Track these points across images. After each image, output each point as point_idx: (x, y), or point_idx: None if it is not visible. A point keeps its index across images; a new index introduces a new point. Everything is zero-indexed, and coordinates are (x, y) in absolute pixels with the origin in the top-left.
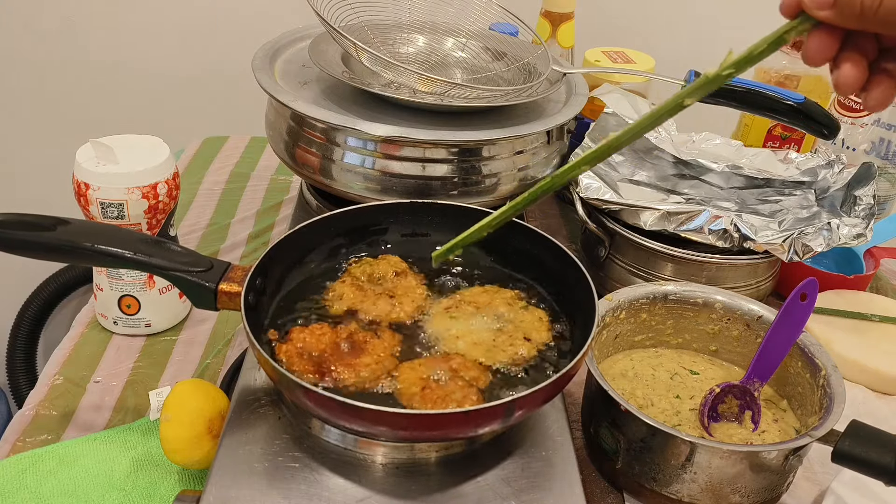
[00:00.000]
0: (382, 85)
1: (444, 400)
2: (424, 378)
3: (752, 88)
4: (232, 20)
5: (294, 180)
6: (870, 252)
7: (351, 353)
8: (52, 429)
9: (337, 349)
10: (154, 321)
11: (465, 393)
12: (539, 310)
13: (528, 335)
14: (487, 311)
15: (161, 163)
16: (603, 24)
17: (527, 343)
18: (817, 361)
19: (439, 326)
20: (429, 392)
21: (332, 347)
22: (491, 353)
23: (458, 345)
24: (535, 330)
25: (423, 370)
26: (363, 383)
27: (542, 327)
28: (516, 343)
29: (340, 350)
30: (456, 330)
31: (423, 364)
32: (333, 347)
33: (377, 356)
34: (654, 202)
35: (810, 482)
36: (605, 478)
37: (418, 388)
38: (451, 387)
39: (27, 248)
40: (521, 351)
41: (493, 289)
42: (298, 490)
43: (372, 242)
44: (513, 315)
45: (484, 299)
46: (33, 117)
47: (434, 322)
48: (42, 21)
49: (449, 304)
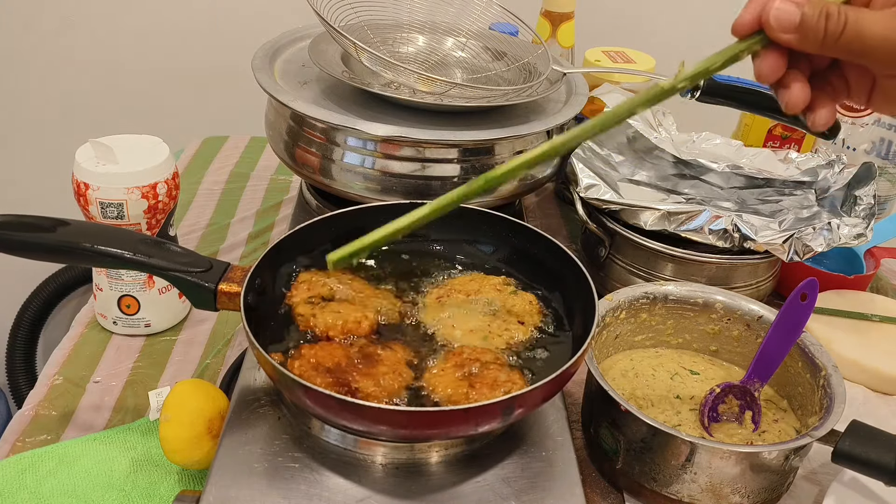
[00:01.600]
0: (382, 85)
1: (494, 386)
2: (460, 377)
3: (753, 88)
4: (232, 20)
5: (294, 180)
6: (870, 252)
7: (365, 365)
8: (52, 429)
9: (351, 363)
10: (154, 321)
11: (508, 375)
12: (527, 294)
13: (521, 319)
14: (478, 298)
15: (161, 163)
16: (603, 24)
17: (521, 326)
18: (817, 361)
19: (434, 316)
20: (477, 385)
21: (346, 360)
22: (488, 340)
23: (454, 333)
24: (528, 314)
25: (451, 371)
26: (384, 393)
27: (532, 310)
28: (511, 328)
29: (355, 363)
30: (450, 318)
31: (444, 367)
32: (347, 361)
33: (391, 365)
34: (654, 202)
35: (810, 482)
36: (605, 478)
37: (464, 386)
38: (492, 373)
39: (27, 249)
40: (517, 335)
41: (479, 276)
42: (298, 490)
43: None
44: (503, 300)
45: (473, 286)
46: (33, 117)
47: (428, 312)
48: (42, 21)
49: (440, 293)
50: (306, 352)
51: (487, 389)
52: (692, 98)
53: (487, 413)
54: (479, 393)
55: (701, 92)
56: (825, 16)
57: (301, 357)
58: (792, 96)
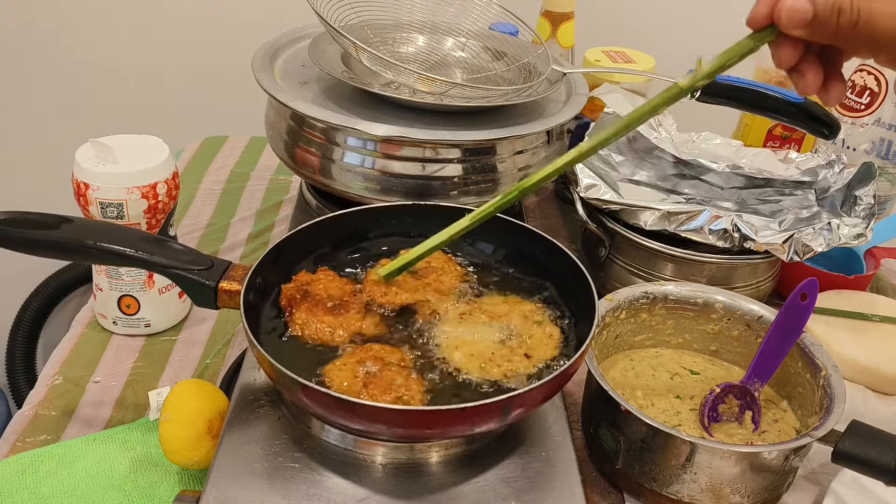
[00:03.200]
0: (382, 85)
1: (388, 389)
2: (358, 375)
3: (753, 88)
4: (232, 20)
5: (294, 180)
6: (870, 252)
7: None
8: (52, 429)
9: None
10: (154, 321)
11: (405, 380)
12: (553, 326)
13: (529, 352)
14: (499, 322)
15: (161, 163)
16: (603, 24)
17: (525, 360)
18: (817, 361)
19: (446, 333)
20: (371, 385)
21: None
22: (485, 368)
23: (454, 355)
24: (541, 346)
25: (352, 366)
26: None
27: (549, 344)
28: (514, 359)
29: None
30: (458, 338)
31: (346, 361)
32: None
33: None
34: (654, 202)
35: (810, 482)
36: (605, 478)
37: (358, 385)
38: (390, 375)
39: (30, 246)
40: (519, 368)
41: (515, 299)
42: (298, 490)
43: (371, 244)
44: (523, 329)
45: (502, 309)
46: (33, 117)
47: (445, 326)
48: (42, 21)
49: (465, 309)
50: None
51: (379, 392)
52: (692, 98)
53: (485, 412)
54: (370, 394)
55: (701, 92)
56: (837, 11)
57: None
58: (807, 82)
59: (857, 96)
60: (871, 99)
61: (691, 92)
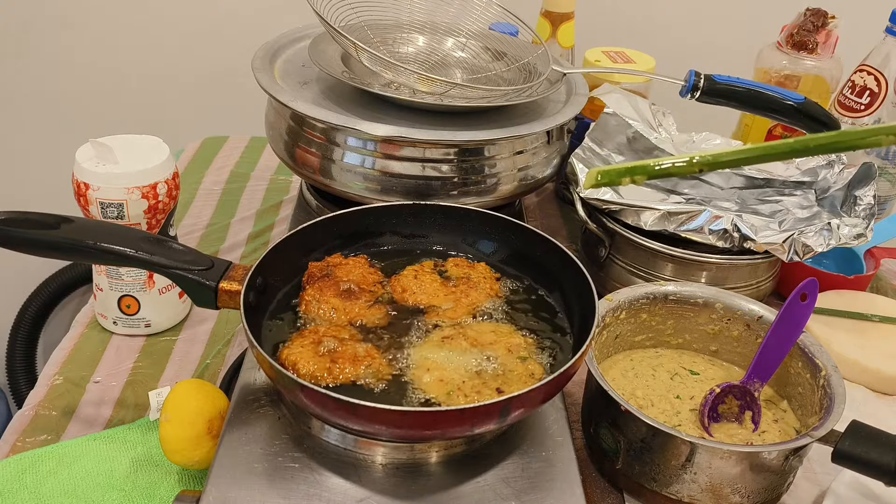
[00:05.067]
0: (382, 85)
1: (354, 361)
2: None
3: (753, 88)
4: (232, 20)
5: (294, 180)
6: (870, 252)
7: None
8: (52, 429)
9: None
10: (154, 321)
11: (356, 349)
12: (538, 365)
13: (503, 388)
14: (481, 351)
15: (161, 163)
16: (603, 24)
17: (495, 395)
18: (817, 361)
19: (422, 353)
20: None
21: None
22: (451, 397)
23: (423, 378)
24: (517, 383)
25: (310, 347)
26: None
27: (528, 383)
28: (483, 392)
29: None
30: (432, 362)
31: (303, 343)
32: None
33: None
34: (654, 202)
35: (810, 482)
36: (605, 478)
37: (326, 361)
38: (350, 349)
39: (31, 246)
40: (485, 402)
41: (507, 329)
42: (298, 490)
43: (372, 244)
44: (504, 361)
45: (487, 338)
46: (33, 117)
47: (423, 347)
48: (42, 21)
49: (448, 333)
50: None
51: (349, 363)
52: (692, 98)
53: (484, 414)
54: (342, 369)
55: (701, 92)
56: None
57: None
58: None
59: (857, 96)
60: (871, 99)
61: (691, 93)
